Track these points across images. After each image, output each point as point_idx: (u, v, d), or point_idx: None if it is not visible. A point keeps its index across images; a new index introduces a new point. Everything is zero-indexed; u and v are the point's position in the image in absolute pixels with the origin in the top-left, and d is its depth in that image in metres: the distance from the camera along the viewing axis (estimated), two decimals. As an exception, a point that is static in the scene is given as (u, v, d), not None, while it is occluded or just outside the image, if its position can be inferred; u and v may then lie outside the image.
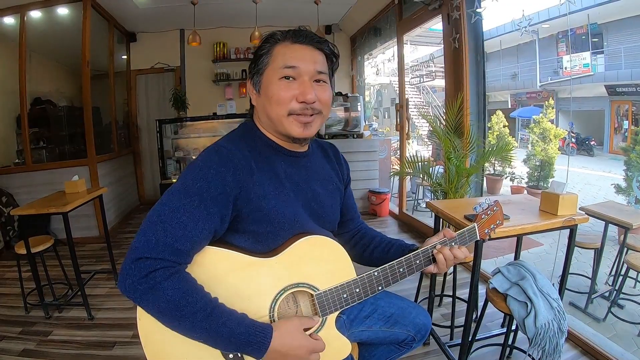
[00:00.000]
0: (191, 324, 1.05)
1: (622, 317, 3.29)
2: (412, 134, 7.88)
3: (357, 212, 1.71)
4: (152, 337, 1.15)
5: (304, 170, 1.40)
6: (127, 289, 1.04)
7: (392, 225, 6.00)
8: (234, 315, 1.11)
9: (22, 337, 3.09)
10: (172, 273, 1.05)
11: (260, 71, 1.30)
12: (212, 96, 7.49)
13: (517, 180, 9.08)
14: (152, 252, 1.05)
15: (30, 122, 5.26)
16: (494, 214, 1.50)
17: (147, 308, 1.07)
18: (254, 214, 1.21)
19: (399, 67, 5.92)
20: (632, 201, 5.76)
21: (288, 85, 1.25)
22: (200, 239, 1.12)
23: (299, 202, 1.33)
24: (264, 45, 1.31)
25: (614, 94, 13.32)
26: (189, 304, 1.04)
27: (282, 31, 1.31)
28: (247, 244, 1.25)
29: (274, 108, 1.27)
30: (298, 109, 1.26)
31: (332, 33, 7.70)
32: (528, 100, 17.19)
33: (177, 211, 1.09)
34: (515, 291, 2.05)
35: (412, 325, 1.62)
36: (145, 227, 1.09)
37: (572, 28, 14.48)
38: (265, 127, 1.36)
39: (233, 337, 1.08)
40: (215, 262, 1.19)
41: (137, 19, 6.54)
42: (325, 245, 1.31)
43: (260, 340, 1.11)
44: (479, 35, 4.12)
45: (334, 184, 1.53)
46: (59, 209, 3.17)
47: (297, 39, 1.29)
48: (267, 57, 1.29)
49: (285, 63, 1.25)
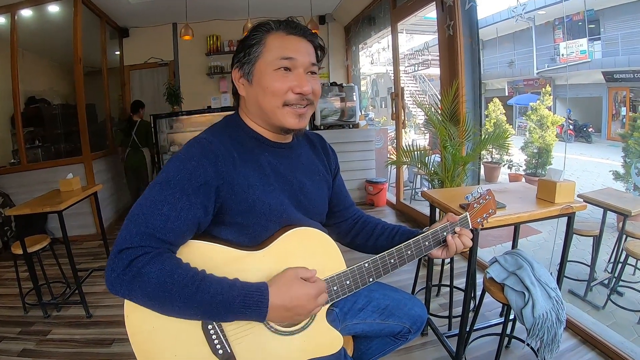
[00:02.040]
0: (182, 302, 1.03)
1: (622, 305, 3.29)
2: (408, 122, 7.85)
3: (351, 201, 1.68)
4: (139, 336, 1.13)
5: (289, 162, 1.38)
6: (113, 283, 1.02)
7: (389, 215, 5.98)
8: (224, 282, 1.09)
9: (21, 337, 3.08)
10: (154, 256, 1.03)
11: (252, 60, 1.27)
12: (206, 89, 7.46)
13: (514, 168, 9.08)
14: (133, 242, 1.03)
15: (25, 121, 5.23)
16: (486, 203, 1.47)
17: (136, 297, 1.04)
18: (239, 205, 1.19)
19: (394, 55, 5.89)
20: (631, 188, 5.74)
21: (284, 76, 1.24)
22: (182, 230, 1.10)
23: (284, 193, 1.31)
24: (255, 34, 1.28)
25: (611, 80, 13.31)
26: (175, 281, 1.02)
27: (273, 20, 1.29)
28: (234, 236, 1.23)
29: (268, 99, 1.25)
30: (293, 99, 1.26)
31: (326, 23, 7.66)
32: (525, 88, 17.21)
33: (159, 203, 1.08)
34: (512, 281, 2.03)
35: (407, 317, 1.60)
36: (127, 221, 1.08)
37: (568, 15, 14.48)
38: (254, 119, 1.34)
39: (228, 304, 1.06)
40: (203, 257, 1.16)
41: (129, 14, 6.50)
42: (313, 237, 1.29)
43: (258, 299, 1.09)
44: (473, 22, 4.08)
45: (321, 174, 1.51)
46: (54, 208, 3.16)
47: (292, 31, 1.28)
48: (260, 47, 1.26)
49: (282, 54, 1.24)
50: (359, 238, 1.62)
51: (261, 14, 6.33)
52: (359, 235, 1.62)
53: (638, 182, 3.82)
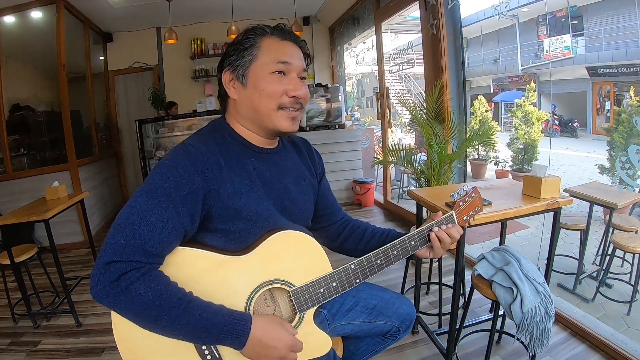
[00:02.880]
0: (168, 322, 1.04)
1: (611, 297, 3.32)
2: (394, 122, 7.87)
3: (337, 205, 1.68)
4: (128, 343, 1.13)
5: (275, 167, 1.38)
6: (98, 294, 1.02)
7: (377, 214, 5.99)
8: (211, 307, 1.10)
9: (11, 348, 3.05)
10: (143, 273, 1.03)
11: (246, 63, 1.27)
12: (191, 93, 7.44)
13: (501, 164, 9.13)
14: (122, 255, 1.03)
15: (10, 129, 5.14)
16: (472, 201, 1.47)
17: (122, 311, 1.04)
18: (225, 212, 1.19)
19: (378, 55, 5.91)
20: (617, 181, 5.79)
21: (279, 80, 1.26)
22: (170, 240, 1.10)
23: (270, 199, 1.31)
24: (248, 37, 1.28)
25: (595, 75, 13.43)
26: (163, 301, 1.03)
27: (266, 25, 1.30)
28: (219, 242, 1.22)
29: (264, 101, 1.26)
30: (288, 102, 1.28)
31: (310, 24, 7.66)
32: (510, 85, 17.33)
33: (145, 213, 1.07)
34: (500, 277, 2.04)
35: (395, 316, 1.60)
36: (113, 231, 1.07)
37: (551, 11, 14.60)
38: (244, 122, 1.33)
39: (212, 328, 1.07)
40: (188, 263, 1.16)
41: (113, 18, 6.44)
42: (299, 240, 1.30)
43: (240, 328, 1.10)
44: (456, 20, 4.10)
45: (306, 179, 1.51)
46: (40, 217, 3.12)
47: (286, 36, 1.30)
48: (254, 50, 1.26)
49: (278, 58, 1.26)
50: (349, 242, 1.61)
51: (245, 16, 6.34)
52: (348, 239, 1.62)
53: (623, 175, 3.83)
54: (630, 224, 3.32)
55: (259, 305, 1.26)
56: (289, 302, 1.29)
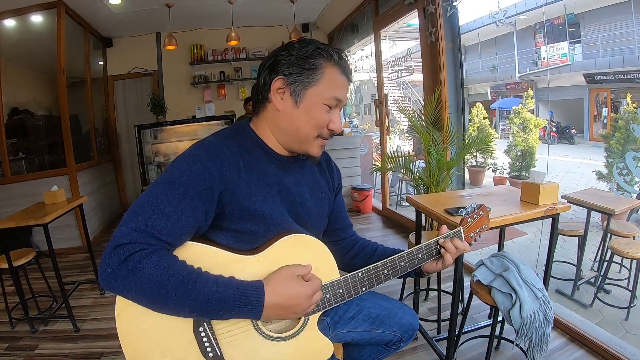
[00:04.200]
0: (178, 299, 1.02)
1: (609, 302, 3.33)
2: (392, 129, 7.88)
3: (349, 222, 1.69)
4: (130, 336, 1.12)
5: (293, 176, 1.39)
6: (107, 278, 1.01)
7: (376, 221, 5.99)
8: (220, 280, 1.08)
9: (8, 352, 3.02)
10: (150, 252, 1.02)
11: (306, 84, 1.25)
12: (190, 99, 7.42)
13: (499, 171, 9.13)
14: (131, 238, 1.02)
15: (8, 132, 5.13)
16: (480, 218, 1.49)
17: (132, 294, 1.03)
18: (238, 212, 1.20)
19: (377, 62, 5.93)
20: (614, 187, 5.81)
21: (327, 111, 1.30)
22: (182, 232, 1.10)
23: (285, 205, 1.31)
24: (316, 58, 1.26)
25: (592, 82, 13.51)
26: (171, 278, 1.01)
27: (334, 50, 1.31)
28: (230, 241, 1.23)
29: (309, 128, 1.29)
30: (326, 134, 1.33)
31: (309, 31, 7.66)
32: (507, 92, 17.40)
33: (161, 203, 1.07)
34: (499, 283, 2.05)
35: (398, 325, 1.60)
36: (126, 217, 1.07)
37: (549, 19, 14.67)
38: (275, 132, 1.34)
39: (224, 302, 1.06)
40: (197, 258, 1.15)
41: (113, 24, 6.44)
42: (308, 245, 1.30)
43: (254, 298, 1.09)
44: (455, 28, 4.12)
45: (323, 192, 1.52)
46: (39, 221, 3.11)
47: (346, 71, 1.32)
48: (317, 75, 1.25)
49: (336, 94, 1.29)
50: (358, 259, 1.60)
51: (245, 22, 6.37)
52: (357, 256, 1.62)
53: (620, 181, 3.87)
54: (628, 229, 3.34)
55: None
56: None
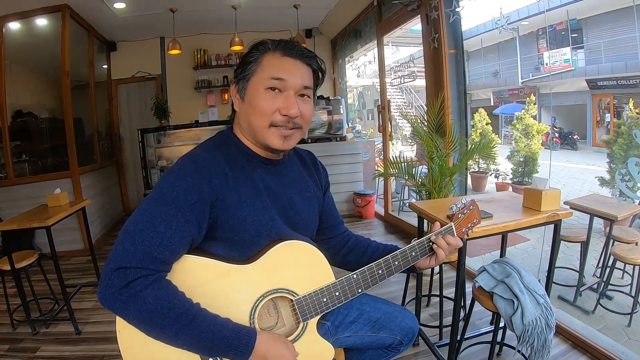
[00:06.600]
0: (174, 331, 1.05)
1: (611, 309, 3.31)
2: (395, 134, 7.89)
3: (340, 219, 1.69)
4: (132, 350, 1.13)
5: (280, 178, 1.40)
6: (107, 299, 1.03)
7: (378, 227, 5.99)
8: (217, 320, 1.11)
9: (9, 354, 3.03)
10: (152, 281, 1.05)
11: (246, 78, 1.29)
12: (194, 104, 7.43)
13: (501, 177, 9.12)
14: (131, 261, 1.04)
15: (12, 135, 5.16)
16: (470, 213, 1.50)
17: (129, 318, 1.05)
18: (230, 221, 1.21)
19: (380, 68, 5.94)
20: (616, 193, 5.80)
21: (273, 97, 1.26)
22: (178, 247, 1.12)
23: (275, 209, 1.32)
24: (253, 52, 1.30)
25: (595, 87, 13.49)
26: (171, 311, 1.04)
27: (273, 40, 1.31)
28: (224, 251, 1.24)
29: (256, 118, 1.27)
30: (280, 121, 1.27)
31: (312, 37, 7.69)
32: (510, 97, 17.39)
33: (155, 220, 1.09)
34: (501, 289, 2.05)
35: (398, 329, 1.60)
36: (122, 237, 1.08)
37: (551, 24, 14.68)
38: (245, 134, 1.35)
39: (217, 341, 1.09)
40: (193, 271, 1.18)
41: (117, 27, 6.47)
42: (302, 250, 1.31)
43: (245, 343, 1.11)
44: (458, 34, 4.13)
45: (311, 191, 1.52)
46: (42, 223, 3.12)
47: (288, 52, 1.29)
48: (255, 65, 1.28)
49: (272, 74, 1.25)
50: (351, 256, 1.62)
51: (248, 28, 6.37)
52: (350, 252, 1.63)
53: (623, 187, 3.85)
54: (631, 235, 3.33)
55: (262, 314, 1.28)
56: (292, 311, 1.30)
